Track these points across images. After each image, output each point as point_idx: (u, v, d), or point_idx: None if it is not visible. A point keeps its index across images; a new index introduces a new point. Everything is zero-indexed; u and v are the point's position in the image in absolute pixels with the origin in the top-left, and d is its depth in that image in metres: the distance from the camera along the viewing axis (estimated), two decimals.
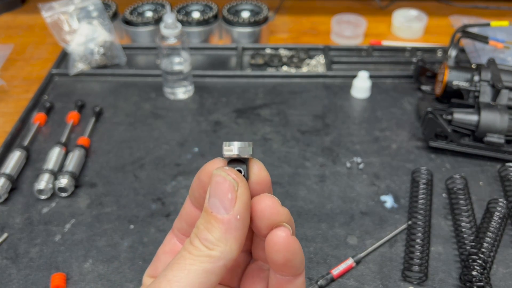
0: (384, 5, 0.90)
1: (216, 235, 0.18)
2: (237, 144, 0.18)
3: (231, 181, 0.18)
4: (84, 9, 0.70)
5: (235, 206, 0.18)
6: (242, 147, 0.18)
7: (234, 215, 0.18)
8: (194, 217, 0.21)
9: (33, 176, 0.52)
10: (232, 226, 0.18)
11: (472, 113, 0.54)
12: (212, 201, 0.18)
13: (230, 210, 0.18)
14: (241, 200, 0.18)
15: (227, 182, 0.18)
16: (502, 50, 0.68)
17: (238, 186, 0.18)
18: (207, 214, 0.18)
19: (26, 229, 0.47)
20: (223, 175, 0.18)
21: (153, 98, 0.65)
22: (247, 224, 0.18)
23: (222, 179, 0.18)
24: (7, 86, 0.68)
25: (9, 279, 0.42)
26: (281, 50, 0.74)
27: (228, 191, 0.18)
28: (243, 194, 0.18)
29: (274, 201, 0.19)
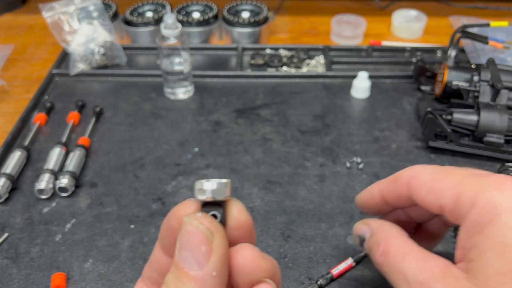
0: (383, 5, 0.90)
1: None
2: (211, 184, 0.15)
3: (204, 232, 0.15)
4: (84, 9, 0.70)
5: (210, 261, 0.15)
6: (217, 188, 0.15)
7: (209, 272, 0.15)
8: (164, 266, 0.18)
9: (34, 176, 0.52)
10: (207, 284, 0.15)
11: (471, 113, 0.54)
12: (183, 254, 0.15)
13: (204, 266, 0.15)
14: (217, 253, 0.15)
15: (200, 232, 0.15)
16: (502, 50, 0.69)
17: (213, 237, 0.15)
18: (178, 270, 0.15)
19: (27, 229, 0.47)
20: (195, 223, 0.15)
21: (154, 98, 0.65)
22: (224, 281, 0.16)
23: (194, 229, 0.15)
24: (7, 86, 0.69)
25: (9, 279, 0.42)
26: (281, 50, 0.75)
27: (202, 243, 0.15)
28: (219, 246, 0.15)
29: (254, 252, 0.16)
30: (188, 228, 0.16)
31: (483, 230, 0.17)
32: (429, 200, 0.20)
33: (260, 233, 0.46)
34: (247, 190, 0.51)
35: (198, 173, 0.53)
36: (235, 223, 0.17)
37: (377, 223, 0.22)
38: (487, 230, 0.16)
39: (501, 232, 0.16)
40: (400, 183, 0.21)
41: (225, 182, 0.16)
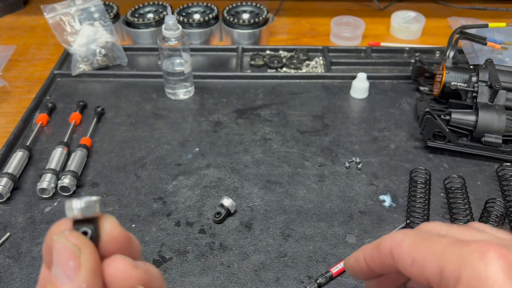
0: (382, 6, 0.90)
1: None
2: (78, 203, 0.16)
3: (70, 248, 0.16)
4: (85, 11, 0.71)
5: (79, 274, 0.16)
6: (84, 206, 0.16)
7: (79, 285, 0.16)
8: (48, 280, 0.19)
9: (35, 176, 0.53)
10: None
11: (470, 114, 0.55)
12: (55, 270, 0.16)
13: (74, 279, 0.16)
14: (86, 266, 0.16)
15: (67, 248, 0.16)
16: (500, 51, 0.69)
17: (80, 252, 0.16)
18: (52, 285, 0.16)
19: (29, 228, 0.47)
20: (62, 241, 0.16)
21: (154, 99, 0.66)
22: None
23: (62, 246, 0.16)
24: (9, 86, 0.69)
25: (11, 278, 0.42)
26: (281, 51, 0.75)
27: (69, 258, 0.16)
28: (87, 260, 0.16)
29: (125, 262, 0.17)
30: (57, 246, 0.17)
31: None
32: (414, 271, 0.18)
33: (260, 232, 0.47)
34: (247, 189, 0.51)
35: (198, 173, 0.54)
36: (108, 237, 0.17)
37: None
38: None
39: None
40: (383, 252, 0.20)
41: (94, 200, 0.17)
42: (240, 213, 0.49)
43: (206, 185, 0.52)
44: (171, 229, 0.47)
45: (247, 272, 0.43)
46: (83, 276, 0.16)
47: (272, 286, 0.42)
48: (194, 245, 0.45)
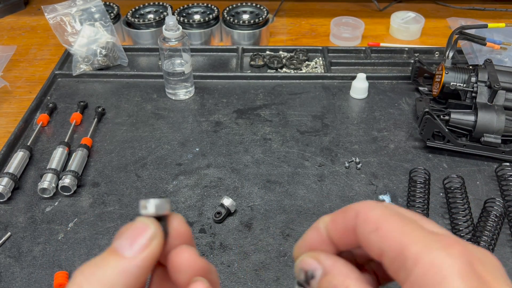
0: (382, 7, 0.91)
1: (106, 271, 0.16)
2: (153, 202, 0.18)
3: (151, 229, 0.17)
4: (86, 11, 0.71)
5: (143, 252, 0.17)
6: (159, 204, 0.18)
7: (136, 259, 0.17)
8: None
9: (36, 176, 0.53)
10: (129, 268, 0.16)
11: (469, 114, 0.55)
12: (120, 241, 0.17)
13: (136, 254, 0.17)
14: (151, 250, 0.17)
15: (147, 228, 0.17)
16: (499, 51, 0.69)
17: (155, 237, 0.17)
18: (107, 252, 0.17)
19: (29, 228, 0.47)
20: (146, 222, 0.17)
21: (155, 99, 0.66)
22: (143, 280, 0.17)
23: (143, 225, 0.17)
24: (10, 87, 0.69)
25: (12, 278, 0.43)
26: (281, 51, 0.75)
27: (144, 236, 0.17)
28: (156, 245, 0.17)
29: (191, 253, 0.18)
30: (138, 224, 0.17)
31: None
32: (372, 239, 0.18)
33: (260, 232, 0.47)
34: (247, 189, 0.52)
35: (199, 173, 0.54)
36: (175, 232, 0.19)
37: (331, 260, 0.19)
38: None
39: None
40: (348, 214, 0.19)
41: (166, 199, 0.18)
42: (240, 213, 0.49)
43: (207, 185, 0.52)
44: None
45: (247, 272, 0.43)
46: (145, 255, 0.17)
47: (272, 285, 0.42)
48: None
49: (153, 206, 0.18)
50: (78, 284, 0.16)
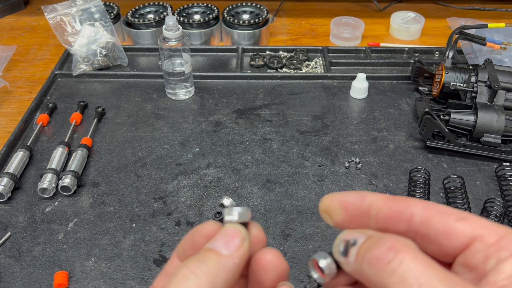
0: (382, 7, 0.91)
1: (210, 265, 0.18)
2: (237, 210, 0.20)
3: (242, 233, 0.19)
4: (86, 11, 0.71)
5: (238, 251, 0.18)
6: (242, 212, 0.19)
7: (234, 256, 0.18)
8: None
9: (36, 176, 0.53)
10: (228, 264, 0.18)
11: (469, 114, 0.55)
12: (215, 243, 0.19)
13: (232, 252, 0.18)
14: (244, 249, 0.18)
15: (239, 232, 0.19)
16: (499, 51, 0.69)
17: (246, 240, 0.19)
18: (205, 251, 0.18)
19: (29, 227, 0.47)
20: (237, 227, 0.19)
21: (155, 99, 0.66)
22: (237, 276, 0.18)
23: (235, 229, 0.19)
24: (10, 87, 0.69)
25: (12, 277, 0.43)
26: (281, 51, 0.75)
27: (236, 237, 0.19)
28: (246, 247, 0.19)
29: (277, 254, 0.20)
30: (229, 228, 0.19)
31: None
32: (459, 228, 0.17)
33: None
34: (247, 189, 0.52)
35: (199, 173, 0.54)
36: (255, 239, 0.20)
37: (375, 232, 0.18)
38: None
39: None
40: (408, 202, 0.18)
41: (247, 208, 0.20)
42: None
43: (206, 184, 0.52)
44: (171, 228, 0.47)
45: None
46: (240, 253, 0.18)
47: None
48: None
49: (237, 213, 0.19)
50: (185, 275, 0.17)
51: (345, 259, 0.18)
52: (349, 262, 0.18)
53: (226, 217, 0.19)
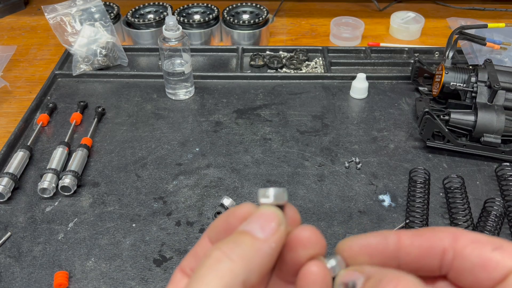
0: (382, 7, 0.91)
1: (245, 248, 0.17)
2: (273, 191, 0.18)
3: (278, 215, 0.18)
4: (86, 11, 0.71)
5: (274, 235, 0.17)
6: (278, 193, 0.18)
7: (270, 240, 0.17)
8: None
9: (36, 176, 0.53)
10: (264, 248, 0.17)
11: (469, 114, 0.55)
12: (250, 225, 0.18)
13: (269, 236, 0.17)
14: (281, 232, 0.17)
15: (274, 214, 0.18)
16: (499, 51, 0.69)
17: (282, 223, 0.18)
18: (239, 233, 0.17)
19: (29, 227, 0.47)
20: (272, 209, 0.18)
21: (155, 99, 0.66)
22: (273, 261, 0.17)
23: (271, 211, 0.18)
24: (10, 87, 0.69)
25: (12, 277, 0.43)
26: (281, 51, 0.75)
27: (272, 220, 0.17)
28: (284, 231, 0.18)
29: (314, 229, 0.19)
30: (264, 211, 0.18)
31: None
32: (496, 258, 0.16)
33: None
34: (247, 189, 0.52)
35: (199, 173, 0.54)
36: (291, 221, 0.19)
37: (375, 268, 0.18)
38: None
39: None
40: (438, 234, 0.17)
41: (283, 189, 0.19)
42: None
43: (207, 184, 0.52)
44: (171, 228, 0.47)
45: None
46: (276, 237, 0.17)
47: None
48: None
49: (273, 195, 0.18)
50: (218, 258, 0.16)
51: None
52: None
53: (262, 199, 0.18)
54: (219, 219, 0.19)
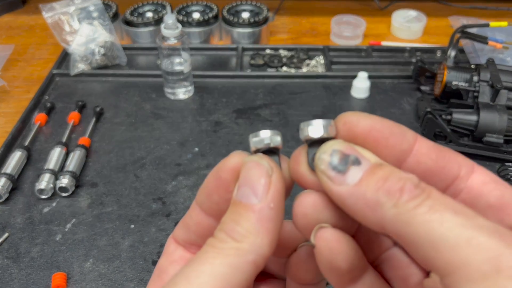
0: (383, 6, 0.90)
1: (246, 225, 0.15)
2: (265, 133, 0.16)
3: (265, 166, 0.16)
4: (84, 10, 0.70)
5: (268, 193, 0.15)
6: (272, 136, 0.16)
7: (267, 203, 0.15)
8: (207, 228, 0.18)
9: (34, 176, 0.52)
10: (265, 215, 0.15)
11: (471, 113, 0.55)
12: (242, 190, 0.16)
13: (263, 198, 0.15)
14: (276, 186, 0.15)
15: (261, 166, 0.16)
16: (501, 51, 0.69)
17: (272, 171, 0.16)
18: (235, 205, 0.16)
19: (27, 228, 0.47)
20: (256, 159, 0.16)
21: (154, 98, 0.65)
22: (281, 217, 0.16)
23: (255, 164, 0.16)
24: (8, 86, 0.69)
25: (10, 279, 0.42)
26: (281, 50, 0.75)
27: (261, 176, 0.15)
28: (277, 180, 0.16)
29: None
30: (249, 165, 0.16)
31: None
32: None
33: None
34: None
35: (198, 173, 0.53)
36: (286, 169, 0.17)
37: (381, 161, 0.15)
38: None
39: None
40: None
41: (277, 131, 0.16)
42: None
43: None
44: (170, 229, 0.47)
45: None
46: (272, 195, 0.15)
47: None
48: None
49: (268, 137, 0.16)
50: (221, 240, 0.15)
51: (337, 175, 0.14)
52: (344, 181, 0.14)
53: (254, 144, 0.16)
54: (209, 181, 0.17)
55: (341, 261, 0.15)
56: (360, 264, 0.16)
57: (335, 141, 0.16)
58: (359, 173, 0.14)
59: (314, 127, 0.16)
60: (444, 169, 0.15)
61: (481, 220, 0.12)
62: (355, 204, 0.14)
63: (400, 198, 0.13)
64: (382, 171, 0.14)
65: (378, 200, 0.13)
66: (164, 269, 0.19)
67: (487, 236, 0.12)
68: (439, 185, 0.15)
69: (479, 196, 0.15)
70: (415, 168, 0.15)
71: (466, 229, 0.12)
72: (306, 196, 0.16)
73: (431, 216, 0.12)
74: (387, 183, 0.13)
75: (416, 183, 0.13)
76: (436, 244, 0.12)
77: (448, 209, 0.13)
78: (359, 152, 0.15)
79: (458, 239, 0.12)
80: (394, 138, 0.15)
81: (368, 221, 0.14)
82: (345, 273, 0.16)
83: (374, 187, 0.14)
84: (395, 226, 0.13)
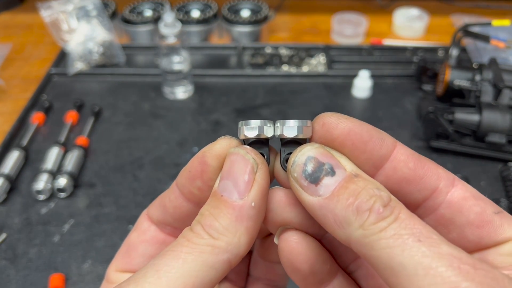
0: (385, 4, 0.89)
1: (224, 222, 0.14)
2: (255, 122, 0.15)
3: (250, 161, 0.15)
4: (83, 8, 0.70)
5: (251, 191, 0.15)
6: (262, 126, 0.15)
7: (248, 201, 0.15)
8: (185, 213, 0.18)
9: (32, 176, 0.52)
10: (245, 214, 0.15)
11: (473, 113, 0.54)
12: (224, 183, 0.15)
13: (244, 195, 0.15)
14: (259, 184, 0.15)
15: (246, 161, 0.15)
16: (504, 50, 0.68)
17: (257, 168, 0.15)
18: (216, 199, 0.15)
19: (25, 229, 0.46)
20: (241, 153, 0.15)
21: (153, 98, 0.65)
22: (262, 215, 0.15)
23: (240, 158, 0.15)
24: (5, 85, 0.68)
25: (7, 280, 0.42)
26: (282, 49, 0.74)
27: (245, 172, 0.15)
28: (262, 178, 0.15)
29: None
30: (234, 157, 0.15)
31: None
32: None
33: None
34: None
35: None
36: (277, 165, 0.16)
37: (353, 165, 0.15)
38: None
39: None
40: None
41: (269, 121, 0.16)
42: None
43: None
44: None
45: None
46: (255, 193, 0.15)
47: None
48: None
49: (257, 127, 0.15)
50: (198, 234, 0.15)
51: (309, 186, 0.14)
52: (315, 192, 0.14)
53: (245, 132, 0.15)
54: (192, 164, 0.17)
55: (301, 263, 0.15)
56: (326, 268, 0.16)
57: (311, 146, 0.15)
58: (332, 185, 0.14)
59: (288, 126, 0.15)
60: (422, 179, 0.15)
61: (445, 248, 0.12)
62: (324, 217, 0.14)
63: (367, 220, 0.13)
64: (355, 185, 0.14)
65: (347, 218, 0.13)
66: (134, 246, 0.19)
67: (446, 267, 0.12)
68: (416, 196, 0.15)
69: (459, 211, 0.15)
70: (391, 175, 0.15)
71: (426, 258, 0.12)
72: (273, 192, 0.16)
73: (394, 242, 0.12)
74: (358, 200, 0.13)
75: (386, 202, 0.13)
76: (395, 271, 0.12)
77: (412, 235, 0.12)
78: (335, 159, 0.15)
79: (416, 268, 0.12)
80: (372, 143, 0.15)
81: (335, 235, 0.14)
82: (308, 275, 0.16)
83: (345, 204, 0.13)
84: (360, 247, 0.13)
